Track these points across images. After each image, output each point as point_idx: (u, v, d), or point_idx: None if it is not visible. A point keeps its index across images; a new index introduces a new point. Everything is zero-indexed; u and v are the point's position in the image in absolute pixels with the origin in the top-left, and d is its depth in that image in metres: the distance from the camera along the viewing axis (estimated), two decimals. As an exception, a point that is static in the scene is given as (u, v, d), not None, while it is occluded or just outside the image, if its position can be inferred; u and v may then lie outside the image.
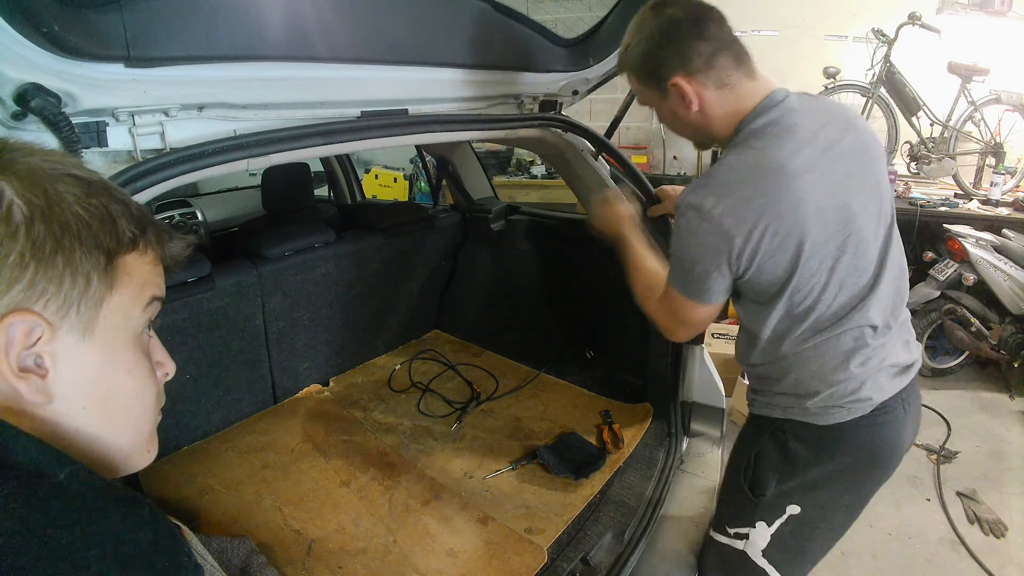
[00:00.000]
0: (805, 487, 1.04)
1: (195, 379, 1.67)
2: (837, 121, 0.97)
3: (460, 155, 2.43)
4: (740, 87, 0.96)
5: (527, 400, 2.00)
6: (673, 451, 1.68)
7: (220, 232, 2.63)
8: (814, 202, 0.88)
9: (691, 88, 0.96)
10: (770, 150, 0.90)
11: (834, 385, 0.97)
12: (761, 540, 1.09)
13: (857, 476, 1.03)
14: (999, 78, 3.45)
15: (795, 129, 0.92)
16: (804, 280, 0.92)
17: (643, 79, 1.02)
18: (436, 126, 1.33)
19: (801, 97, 0.99)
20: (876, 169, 0.98)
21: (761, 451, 1.07)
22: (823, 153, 0.92)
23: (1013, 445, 2.56)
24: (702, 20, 0.94)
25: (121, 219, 0.44)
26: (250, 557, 1.21)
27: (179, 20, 0.85)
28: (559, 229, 2.15)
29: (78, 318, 0.41)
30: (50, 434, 0.41)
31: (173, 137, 0.95)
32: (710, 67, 0.95)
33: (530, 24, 1.44)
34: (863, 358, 0.97)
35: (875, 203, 0.97)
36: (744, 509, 1.10)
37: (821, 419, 0.99)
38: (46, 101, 0.73)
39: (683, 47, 0.94)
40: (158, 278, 0.49)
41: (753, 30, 4.14)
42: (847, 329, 0.96)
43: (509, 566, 1.30)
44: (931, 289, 2.95)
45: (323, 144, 1.13)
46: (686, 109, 0.99)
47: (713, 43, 0.94)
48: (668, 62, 0.96)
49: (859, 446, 1.00)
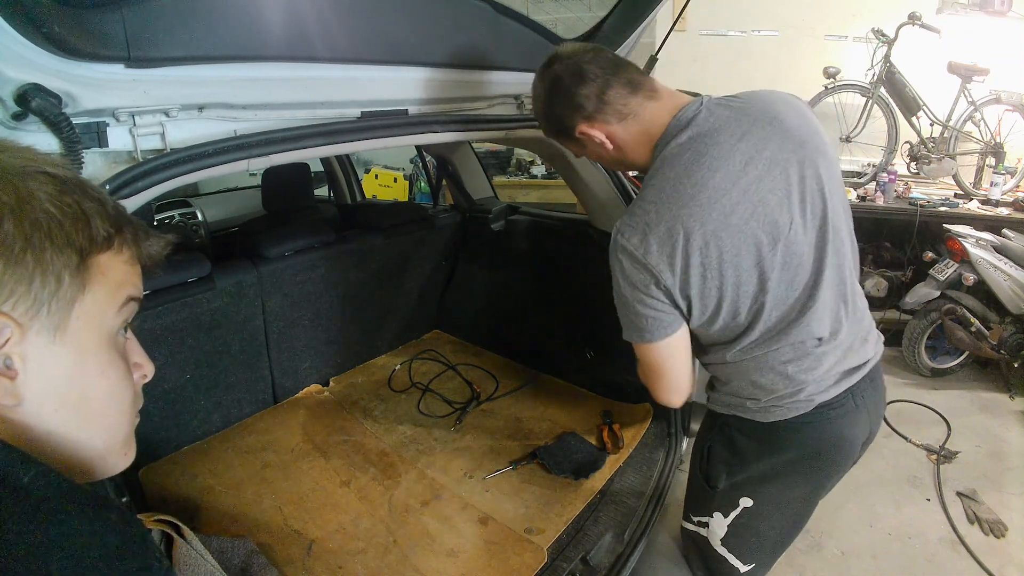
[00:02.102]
0: (754, 481, 1.05)
1: (195, 379, 1.68)
2: (758, 124, 0.91)
3: (460, 155, 2.43)
4: (643, 112, 0.96)
5: (527, 400, 2.00)
6: (673, 451, 1.68)
7: (220, 232, 2.63)
8: (736, 226, 0.87)
9: (596, 131, 0.98)
10: (683, 180, 0.88)
11: (774, 392, 0.97)
12: (719, 530, 1.12)
13: (805, 470, 1.03)
14: (999, 78, 3.44)
15: (708, 150, 0.89)
16: (736, 303, 0.91)
17: (557, 137, 1.06)
18: (436, 126, 1.33)
19: (717, 107, 0.94)
20: (805, 156, 0.91)
21: (712, 445, 1.09)
22: (743, 170, 0.88)
23: (1013, 445, 2.56)
24: (579, 65, 0.95)
25: (95, 217, 0.43)
26: (250, 557, 1.22)
27: (179, 20, 0.85)
28: (559, 229, 2.15)
29: (48, 319, 0.40)
30: (20, 437, 0.40)
31: (173, 137, 0.95)
32: (603, 104, 0.95)
33: (530, 24, 1.44)
34: (805, 366, 0.95)
35: (805, 205, 0.91)
36: (703, 500, 1.13)
37: (762, 416, 0.99)
38: (47, 101, 0.73)
39: (571, 97, 0.96)
40: (135, 278, 0.48)
41: (753, 30, 4.14)
42: (787, 344, 0.94)
43: (509, 566, 1.31)
44: (931, 289, 2.95)
45: (323, 144, 1.13)
46: (604, 149, 1.01)
47: (597, 82, 0.95)
48: (565, 115, 0.98)
49: (801, 443, 1.00)
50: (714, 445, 1.09)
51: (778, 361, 0.95)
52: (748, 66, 4.14)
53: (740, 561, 1.13)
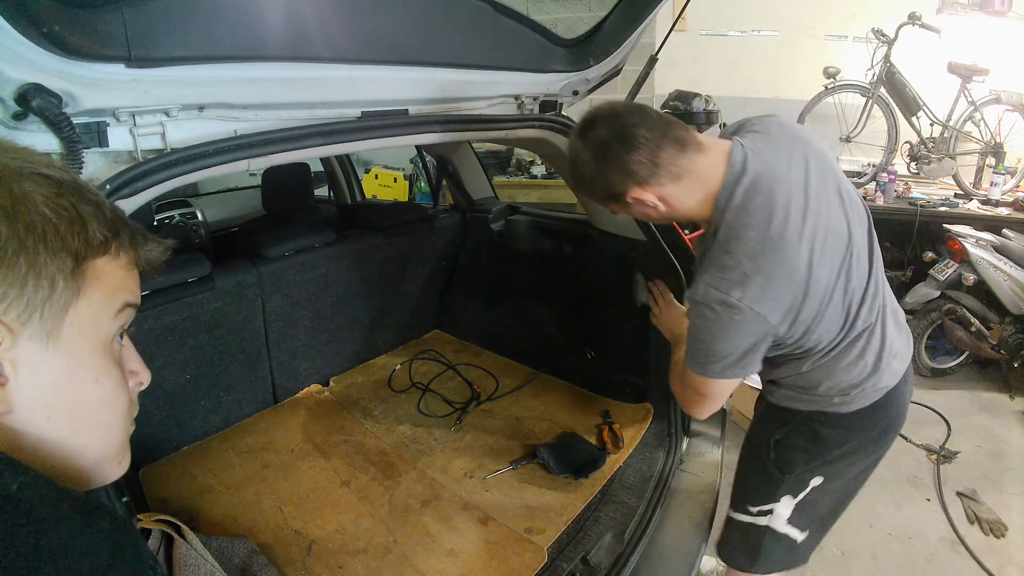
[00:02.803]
0: (829, 461, 1.13)
1: (195, 379, 1.67)
2: (792, 147, 0.97)
3: (460, 155, 2.43)
4: (696, 168, 0.95)
5: (527, 400, 2.00)
6: (673, 451, 1.68)
7: (220, 232, 2.63)
8: (823, 249, 0.92)
9: (649, 194, 0.96)
10: (766, 225, 0.90)
11: (860, 385, 1.05)
12: (786, 511, 1.19)
13: (871, 447, 1.14)
14: (999, 78, 3.45)
15: (772, 187, 0.92)
16: (831, 318, 0.97)
17: (604, 200, 1.03)
18: (436, 126, 1.33)
19: (753, 143, 0.97)
20: (837, 174, 1.00)
21: (783, 439, 1.15)
22: (805, 194, 0.93)
23: (1013, 445, 2.56)
24: (627, 130, 0.92)
25: (92, 221, 0.42)
26: (250, 557, 1.22)
27: (180, 20, 0.85)
28: (559, 229, 2.15)
29: (41, 324, 0.39)
30: (11, 445, 0.39)
31: (174, 137, 0.95)
32: (656, 167, 0.93)
33: (530, 24, 1.44)
34: (879, 353, 1.04)
35: (855, 211, 1.00)
36: (769, 488, 1.19)
37: (846, 408, 1.07)
38: (47, 101, 0.73)
39: (622, 164, 0.93)
40: (132, 284, 0.47)
41: (753, 30, 4.14)
42: (864, 336, 1.02)
43: (509, 566, 1.30)
44: (931, 289, 2.94)
45: (324, 144, 1.13)
46: (654, 210, 0.99)
47: (649, 146, 0.92)
48: (616, 181, 0.96)
49: (874, 424, 1.10)
50: (790, 437, 1.14)
51: (853, 355, 1.03)
52: (748, 66, 4.14)
53: (799, 531, 1.21)
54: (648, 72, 1.76)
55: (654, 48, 1.70)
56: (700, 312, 0.94)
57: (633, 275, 1.65)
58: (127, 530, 0.38)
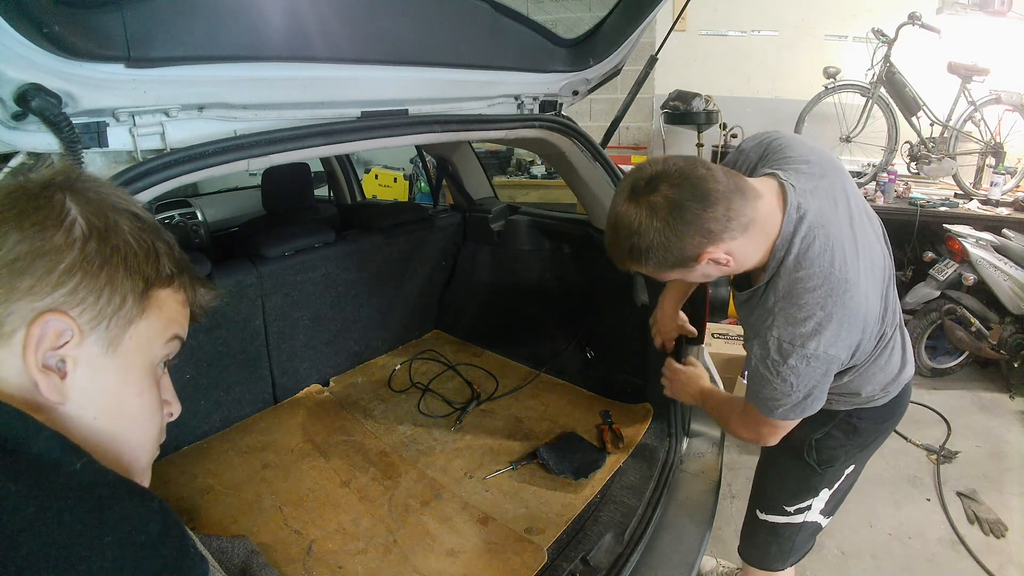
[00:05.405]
0: (862, 448, 1.21)
1: (195, 379, 1.67)
2: (835, 189, 0.97)
3: (460, 155, 2.43)
4: (758, 216, 0.90)
5: (527, 400, 2.00)
6: (673, 451, 1.68)
7: (220, 232, 2.63)
8: (869, 283, 0.95)
9: (721, 251, 0.89)
10: (830, 271, 0.90)
11: (894, 380, 1.13)
12: (821, 503, 1.25)
13: (887, 431, 1.23)
14: (999, 78, 3.45)
15: (828, 231, 0.92)
16: (866, 343, 1.00)
17: (668, 270, 0.93)
18: (436, 126, 1.33)
19: (798, 181, 0.94)
20: (861, 197, 1.03)
21: (823, 438, 1.19)
22: (853, 235, 0.95)
23: (1013, 445, 2.56)
24: (699, 186, 0.84)
25: (164, 256, 0.49)
26: (250, 557, 1.22)
27: (179, 20, 0.85)
28: (559, 229, 2.15)
29: (106, 332, 0.45)
30: (64, 433, 0.42)
31: (173, 137, 0.95)
32: (729, 221, 0.86)
33: (530, 24, 1.44)
34: (901, 347, 1.12)
35: (879, 229, 1.05)
36: (808, 485, 1.24)
37: (881, 401, 1.15)
38: (47, 101, 0.73)
39: (700, 225, 0.85)
40: (183, 319, 0.53)
41: (753, 30, 4.14)
42: (890, 337, 1.08)
43: (509, 566, 1.30)
44: (931, 289, 2.94)
45: (324, 144, 1.13)
46: (724, 267, 0.93)
47: (723, 201, 0.85)
48: (690, 244, 0.87)
49: (897, 412, 1.19)
50: (831, 435, 1.19)
51: (887, 353, 1.08)
52: (748, 66, 4.14)
53: (826, 517, 1.28)
54: (648, 72, 1.76)
55: (654, 48, 1.71)
56: (775, 370, 0.93)
57: (633, 275, 1.66)
58: (173, 513, 0.43)
